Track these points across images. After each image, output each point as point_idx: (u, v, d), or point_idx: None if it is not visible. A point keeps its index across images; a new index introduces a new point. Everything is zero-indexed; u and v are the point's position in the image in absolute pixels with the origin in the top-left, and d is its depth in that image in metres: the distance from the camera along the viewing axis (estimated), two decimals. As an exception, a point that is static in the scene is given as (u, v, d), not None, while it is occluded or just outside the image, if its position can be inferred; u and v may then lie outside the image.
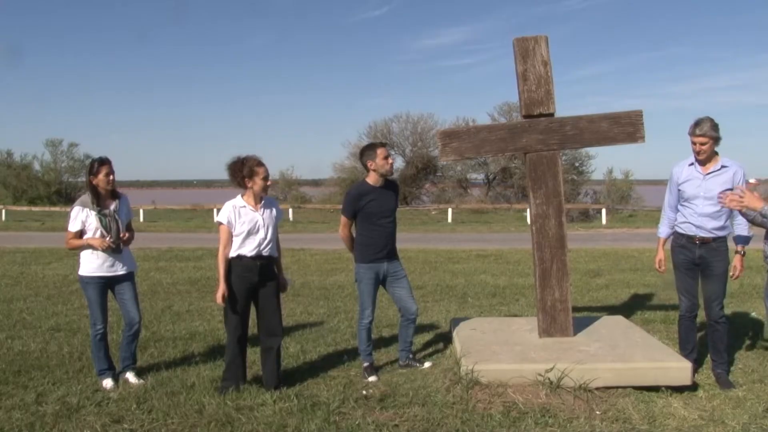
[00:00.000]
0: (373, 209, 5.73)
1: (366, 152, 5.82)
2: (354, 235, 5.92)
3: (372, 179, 5.79)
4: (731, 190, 5.27)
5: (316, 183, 49.37)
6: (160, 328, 7.62)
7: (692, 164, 5.53)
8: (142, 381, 5.57)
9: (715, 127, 5.34)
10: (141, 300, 6.16)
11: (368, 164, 5.77)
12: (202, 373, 5.82)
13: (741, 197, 4.55)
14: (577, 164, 35.96)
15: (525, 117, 5.84)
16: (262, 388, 5.33)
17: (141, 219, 27.52)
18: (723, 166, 5.43)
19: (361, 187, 5.81)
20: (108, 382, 5.47)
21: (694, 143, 5.39)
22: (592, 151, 34.44)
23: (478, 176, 39.97)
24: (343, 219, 5.88)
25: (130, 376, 5.59)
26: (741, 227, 5.53)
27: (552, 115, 5.81)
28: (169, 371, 5.91)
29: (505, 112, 35.99)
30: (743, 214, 4.53)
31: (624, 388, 5.12)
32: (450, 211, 28.66)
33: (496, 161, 36.16)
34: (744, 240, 5.57)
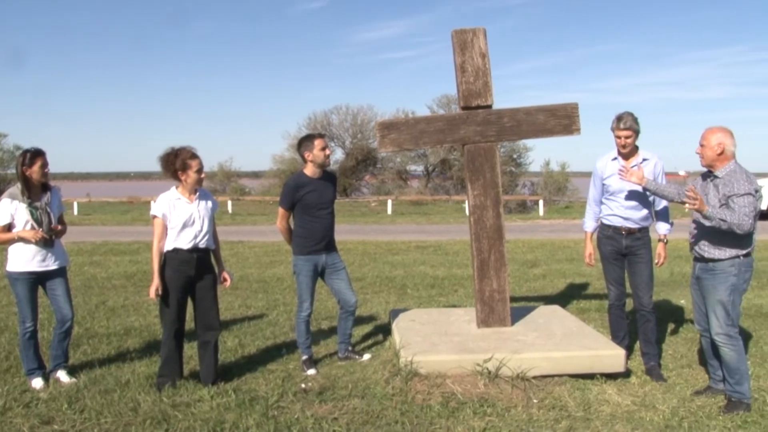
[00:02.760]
0: (310, 201, 5.68)
1: (304, 143, 5.76)
2: (292, 227, 5.86)
3: (310, 170, 5.74)
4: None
5: (255, 175, 48.85)
6: (93, 325, 7.41)
7: (615, 159, 5.69)
8: (74, 380, 5.40)
9: (636, 120, 5.55)
10: (74, 296, 5.98)
11: (306, 155, 5.71)
12: (137, 370, 5.69)
13: (695, 200, 4.66)
14: (515, 156, 36.43)
15: (463, 108, 5.86)
16: (199, 383, 5.25)
17: (75, 212, 26.75)
18: (644, 159, 5.62)
19: (299, 179, 5.75)
20: (37, 382, 5.28)
21: (618, 137, 5.55)
22: (529, 143, 34.97)
23: (418, 168, 40.11)
24: (280, 210, 5.82)
25: (62, 375, 5.42)
26: (662, 217, 5.72)
27: (490, 107, 5.85)
28: (103, 369, 5.76)
29: (444, 104, 36.18)
30: (706, 217, 4.68)
31: (560, 376, 5.21)
32: (390, 202, 28.70)
33: (435, 153, 36.35)
34: (666, 229, 5.79)
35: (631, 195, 5.58)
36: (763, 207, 20.20)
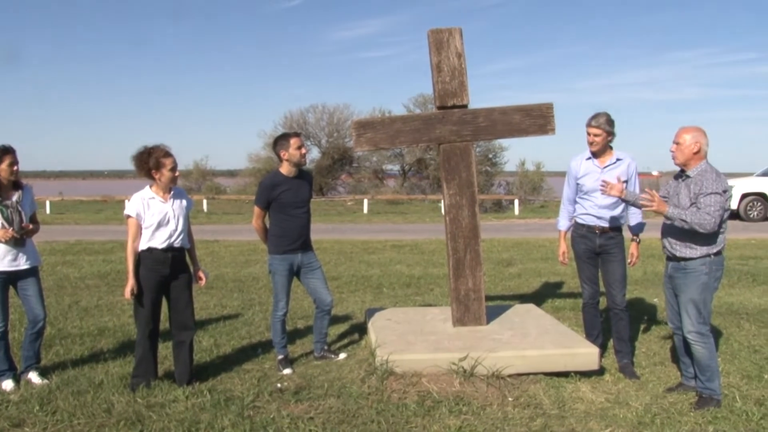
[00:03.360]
0: (286, 199, 5.66)
1: (279, 142, 5.74)
2: (267, 226, 5.84)
3: (285, 169, 5.72)
4: (626, 182, 5.60)
5: (231, 173, 48.57)
6: (66, 325, 7.32)
7: (590, 158, 5.75)
8: (46, 381, 5.33)
9: (610, 122, 5.60)
10: (46, 296, 5.91)
11: (282, 154, 5.69)
12: (111, 371, 5.63)
13: (652, 201, 4.73)
14: (490, 156, 36.61)
15: (439, 108, 5.88)
16: (174, 383, 5.20)
17: (47, 211, 26.39)
18: (618, 159, 5.68)
19: (275, 177, 5.73)
20: (8, 384, 5.21)
21: (588, 134, 5.62)
22: (505, 142, 35.12)
23: (394, 167, 40.18)
24: (256, 209, 5.79)
25: (33, 377, 5.34)
26: (635, 217, 5.78)
27: (465, 106, 5.88)
28: (76, 370, 5.68)
29: (420, 104, 36.24)
30: (667, 217, 4.74)
31: (535, 374, 5.26)
32: (366, 201, 28.68)
33: (411, 152, 36.42)
34: (639, 228, 5.84)
35: (605, 195, 5.62)
36: (734, 206, 20.51)
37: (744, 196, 20.95)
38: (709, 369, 4.81)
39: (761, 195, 21.15)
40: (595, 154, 5.69)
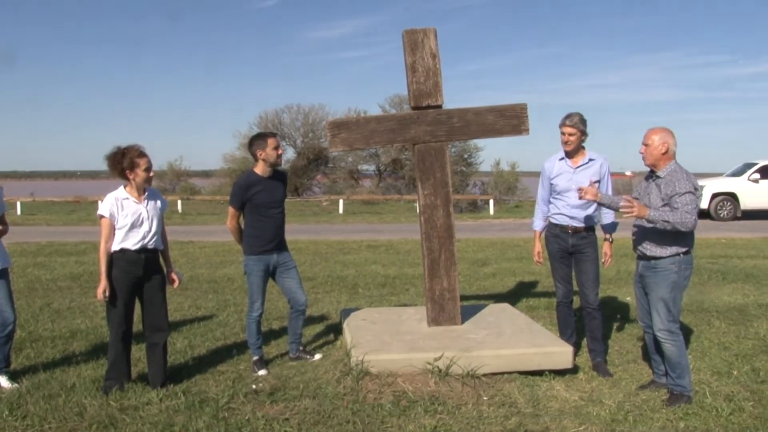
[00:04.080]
0: (261, 200, 5.64)
1: (256, 142, 5.71)
2: (242, 226, 5.81)
3: (260, 169, 5.69)
4: (599, 182, 5.68)
5: (206, 174, 48.24)
6: (37, 328, 7.22)
7: (562, 159, 5.79)
8: (16, 385, 5.26)
9: (583, 121, 5.65)
10: (17, 298, 5.84)
11: (258, 154, 5.66)
12: (83, 374, 5.56)
13: (631, 208, 4.78)
14: (465, 156, 36.70)
15: (414, 108, 5.89)
16: (147, 386, 5.16)
17: (18, 212, 25.99)
18: (590, 159, 5.74)
19: (250, 177, 5.70)
20: (-22, 387, 5.14)
21: (563, 133, 5.67)
22: (480, 143, 35.26)
23: (369, 167, 40.14)
24: (230, 210, 5.76)
25: (3, 381, 5.27)
26: (608, 216, 5.84)
27: (440, 107, 5.90)
28: (47, 373, 5.61)
29: (395, 104, 36.23)
30: (649, 221, 4.80)
31: (510, 373, 5.28)
32: (341, 202, 28.65)
33: (387, 152, 36.43)
34: (611, 228, 5.89)
35: (577, 195, 5.68)
36: (704, 206, 20.82)
37: (714, 195, 21.29)
38: (680, 366, 4.87)
39: (731, 195, 21.49)
40: (569, 154, 5.74)
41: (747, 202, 21.44)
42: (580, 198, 5.29)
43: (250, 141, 5.79)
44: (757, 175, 21.49)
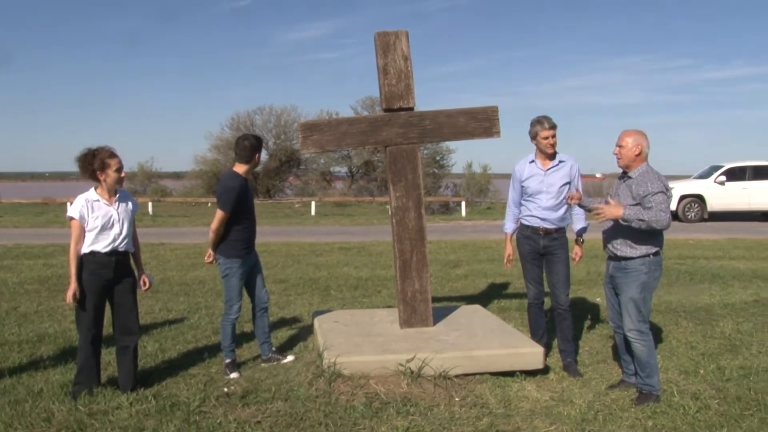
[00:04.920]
0: (248, 202, 5.68)
1: (261, 144, 5.82)
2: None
3: (245, 171, 5.67)
4: (569, 183, 5.75)
5: (177, 176, 47.85)
6: (4, 332, 7.10)
7: (533, 161, 5.84)
8: (-18, 389, 5.18)
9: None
10: (-19, 301, 5.73)
11: (255, 157, 5.70)
12: (51, 378, 5.48)
13: (601, 210, 4.83)
14: (438, 158, 36.83)
15: (386, 111, 5.91)
16: (117, 390, 5.10)
17: (-17, 214, 25.62)
18: (561, 161, 5.79)
19: (240, 180, 5.62)
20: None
21: (546, 138, 5.68)
22: (452, 145, 35.42)
23: (342, 169, 40.10)
24: (222, 215, 5.55)
25: (-31, 384, 5.19)
26: (578, 218, 5.91)
27: (412, 109, 5.92)
28: (14, 378, 5.52)
29: (368, 106, 36.26)
30: (624, 220, 4.85)
31: (481, 374, 5.32)
32: (313, 204, 28.56)
33: (359, 154, 36.43)
34: (582, 230, 5.98)
35: (548, 197, 5.74)
36: (672, 207, 21.13)
37: (682, 197, 21.63)
38: (649, 366, 4.94)
39: (698, 197, 21.85)
40: (550, 156, 5.77)
41: (714, 204, 21.82)
42: (570, 203, 5.34)
43: (259, 142, 5.77)
44: (723, 178, 21.87)
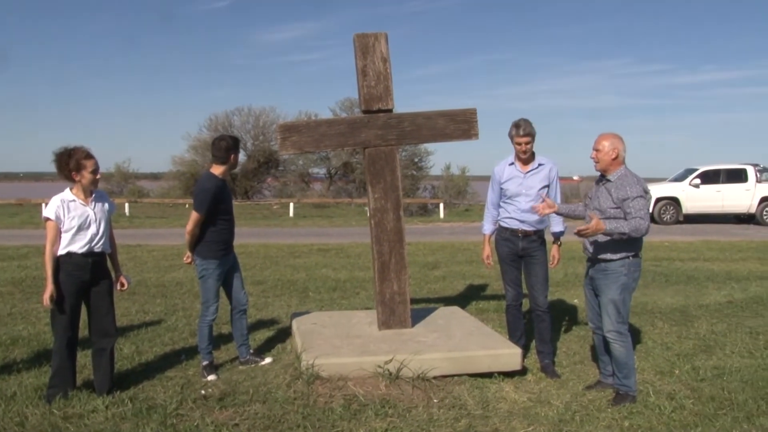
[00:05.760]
0: (226, 204, 5.64)
1: (237, 145, 5.75)
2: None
3: (222, 172, 5.65)
4: (548, 186, 5.80)
5: (154, 176, 47.46)
6: (-24, 334, 7.01)
7: (512, 164, 5.87)
8: (-46, 392, 5.10)
9: (532, 125, 5.75)
10: (-47, 304, 5.65)
11: (232, 158, 5.65)
12: (24, 382, 5.40)
13: (587, 229, 4.84)
14: (416, 160, 36.84)
15: (364, 112, 5.91)
16: (93, 393, 5.04)
17: (-45, 215, 25.26)
18: (540, 164, 5.82)
19: (216, 182, 5.60)
20: None
21: (518, 143, 5.71)
22: (431, 147, 35.41)
23: (320, 171, 40.01)
24: (197, 216, 5.53)
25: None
26: (556, 221, 5.95)
27: (391, 111, 5.93)
28: (-13, 381, 5.45)
29: (346, 108, 36.18)
30: (606, 234, 4.90)
31: (460, 375, 5.33)
32: (292, 205, 28.50)
33: (338, 156, 36.37)
34: (560, 232, 6.01)
35: (527, 199, 5.77)
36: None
37: (658, 200, 21.87)
38: (627, 366, 4.98)
39: (673, 199, 22.11)
40: (525, 160, 5.80)
41: (689, 207, 22.12)
42: (539, 214, 5.38)
43: (235, 143, 5.74)
44: (698, 181, 22.17)
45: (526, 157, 5.77)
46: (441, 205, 28.17)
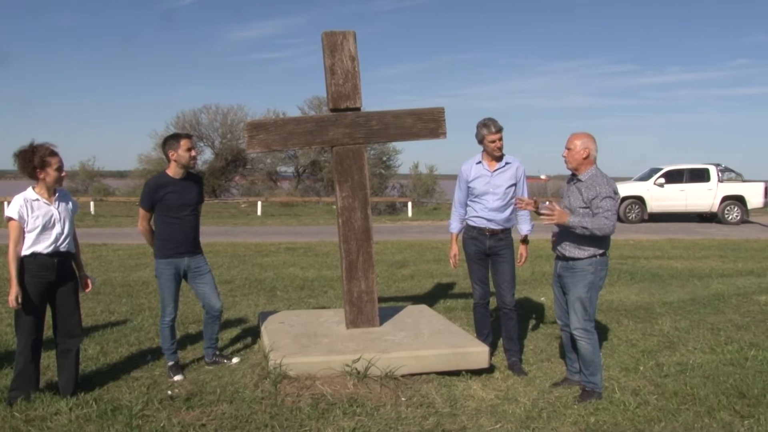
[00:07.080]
0: (171, 202, 5.52)
1: (169, 142, 5.60)
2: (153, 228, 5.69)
3: (172, 171, 5.59)
4: (515, 185, 5.83)
5: (120, 175, 46.86)
6: (-65, 336, 6.85)
7: (479, 162, 5.90)
8: None
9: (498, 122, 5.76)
10: None
11: (170, 154, 5.55)
12: (-15, 384, 5.30)
13: (552, 215, 4.89)
14: (384, 158, 36.85)
15: (332, 111, 5.89)
16: (57, 395, 4.95)
17: None
18: (507, 163, 5.86)
19: (160, 179, 5.59)
20: None
21: (492, 141, 5.73)
22: (399, 146, 35.47)
23: (288, 169, 39.82)
24: (141, 211, 5.65)
25: None
26: (524, 219, 5.99)
27: (359, 109, 5.92)
28: (-54, 384, 5.32)
29: (315, 106, 36.08)
30: (567, 226, 4.91)
31: (428, 374, 5.34)
32: (259, 204, 28.34)
33: (306, 154, 36.23)
34: (528, 231, 6.05)
35: (495, 198, 5.80)
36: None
37: (624, 199, 22.14)
38: (593, 364, 5.04)
39: (638, 198, 22.43)
40: (496, 158, 5.82)
41: (653, 205, 22.47)
42: (520, 208, 5.38)
43: (164, 141, 5.69)
44: (662, 180, 22.53)
45: (500, 154, 5.80)
46: (409, 204, 28.25)
